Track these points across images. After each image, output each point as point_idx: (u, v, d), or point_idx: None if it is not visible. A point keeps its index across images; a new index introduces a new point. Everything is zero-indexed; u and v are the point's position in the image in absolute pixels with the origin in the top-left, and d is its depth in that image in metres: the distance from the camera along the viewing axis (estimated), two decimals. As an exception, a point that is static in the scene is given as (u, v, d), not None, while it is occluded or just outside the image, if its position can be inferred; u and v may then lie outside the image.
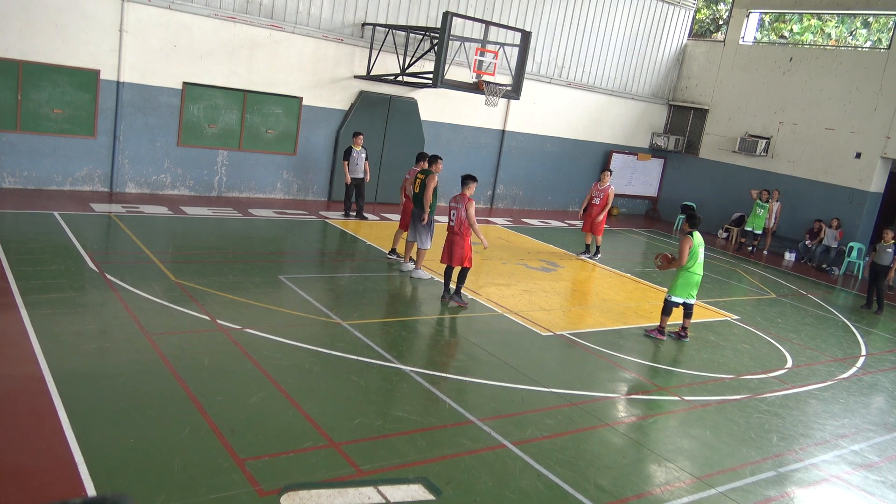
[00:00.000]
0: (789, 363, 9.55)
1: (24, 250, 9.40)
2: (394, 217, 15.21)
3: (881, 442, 7.47)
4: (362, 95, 16.03)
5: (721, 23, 22.20)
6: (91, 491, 4.61)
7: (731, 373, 8.81)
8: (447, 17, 13.33)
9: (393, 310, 9.69)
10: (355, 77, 15.86)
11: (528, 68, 17.18)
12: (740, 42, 20.46)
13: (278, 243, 12.39)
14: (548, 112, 19.44)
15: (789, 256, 18.10)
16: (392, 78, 15.37)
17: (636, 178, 21.70)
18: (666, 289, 10.20)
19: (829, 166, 18.40)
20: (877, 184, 17.75)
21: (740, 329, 10.89)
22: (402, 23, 16.00)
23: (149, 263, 9.62)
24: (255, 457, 5.27)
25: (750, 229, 18.23)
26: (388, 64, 15.77)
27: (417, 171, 11.14)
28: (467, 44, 15.10)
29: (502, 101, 17.28)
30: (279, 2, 14.61)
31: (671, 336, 9.77)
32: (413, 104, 16.85)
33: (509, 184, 19.49)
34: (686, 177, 21.68)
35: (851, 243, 17.40)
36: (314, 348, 7.51)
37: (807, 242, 17.96)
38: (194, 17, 13.74)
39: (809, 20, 21.46)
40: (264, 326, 7.88)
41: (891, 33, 18.13)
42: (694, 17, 21.70)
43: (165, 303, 8.18)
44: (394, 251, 11.82)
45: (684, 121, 21.76)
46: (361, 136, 14.51)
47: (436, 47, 14.10)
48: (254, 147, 15.19)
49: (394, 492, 5.09)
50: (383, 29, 15.57)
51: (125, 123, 13.63)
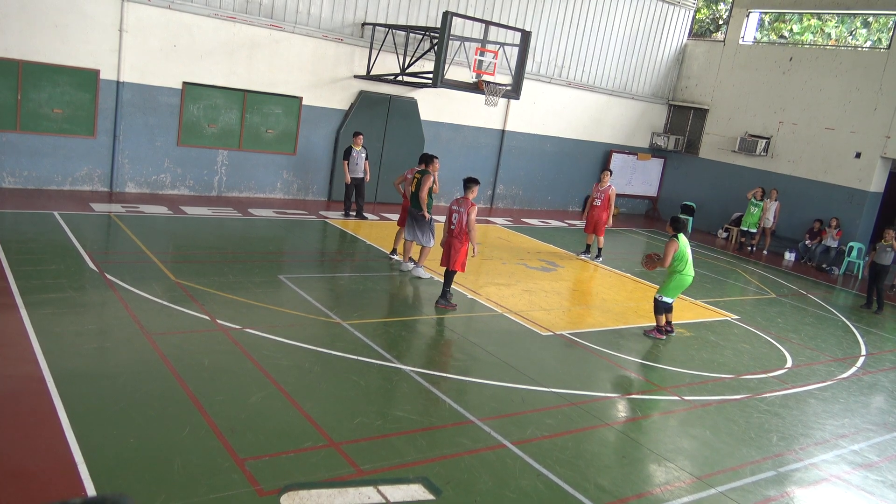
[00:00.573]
0: (789, 363, 9.55)
1: (24, 250, 9.41)
2: (394, 217, 15.21)
3: (881, 442, 7.47)
4: (362, 95, 16.03)
5: (721, 22, 22.19)
6: (91, 491, 4.61)
7: (730, 372, 8.81)
8: (447, 16, 13.33)
9: (393, 310, 9.69)
10: (355, 77, 15.86)
11: (528, 68, 17.19)
12: (740, 42, 20.46)
13: (278, 243, 12.39)
14: (548, 112, 19.44)
15: (789, 256, 18.11)
16: (392, 78, 15.37)
17: (636, 178, 21.71)
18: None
19: (828, 166, 18.40)
20: (877, 183, 17.75)
21: (740, 329, 10.89)
22: (402, 22, 16.00)
23: (149, 263, 9.62)
24: (255, 457, 5.28)
25: (746, 228, 18.32)
26: (387, 64, 15.77)
27: (416, 170, 11.14)
28: (467, 44, 15.10)
29: (502, 101, 17.28)
30: (279, 2, 14.61)
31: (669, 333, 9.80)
32: (413, 104, 16.85)
33: (509, 184, 19.49)
34: (686, 177, 21.68)
35: (851, 243, 17.40)
36: (314, 348, 7.51)
37: (807, 242, 17.96)
38: (194, 16, 13.75)
39: (809, 20, 21.46)
40: (264, 326, 7.88)
41: (891, 33, 18.12)
42: (694, 17, 21.70)
43: (165, 303, 8.18)
44: (395, 251, 11.82)
45: (684, 121, 21.75)
46: (361, 136, 14.52)
47: (436, 47, 14.10)
48: (254, 147, 15.19)
49: (394, 492, 5.10)
50: (383, 29, 15.56)
51: (125, 123, 13.63)
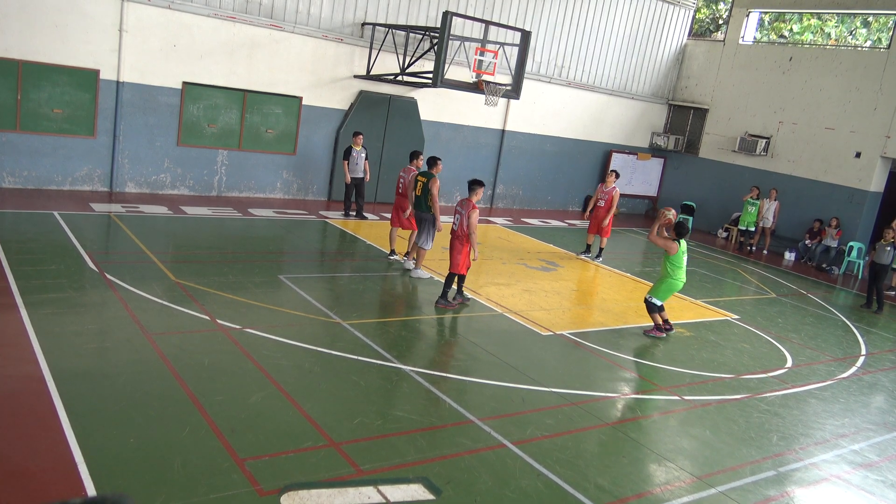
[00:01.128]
0: (789, 363, 9.55)
1: (24, 250, 9.41)
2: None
3: (881, 441, 7.47)
4: (362, 95, 16.03)
5: (721, 22, 22.18)
6: (91, 491, 4.61)
7: (730, 372, 8.81)
8: (447, 16, 13.33)
9: (393, 309, 9.69)
10: (355, 77, 15.86)
11: (527, 68, 17.19)
12: (740, 42, 20.46)
13: (278, 243, 12.39)
14: (548, 112, 19.44)
15: (789, 256, 18.11)
16: (392, 78, 15.37)
17: (636, 178, 21.70)
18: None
19: (828, 166, 18.40)
20: (876, 183, 17.75)
21: (740, 328, 10.89)
22: (401, 22, 16.00)
23: (149, 263, 9.62)
24: (255, 456, 5.28)
25: (744, 227, 18.34)
26: (387, 63, 15.77)
27: (414, 170, 11.12)
28: (467, 43, 15.11)
29: (502, 101, 17.27)
30: (279, 1, 14.60)
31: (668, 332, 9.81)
32: (413, 104, 16.85)
33: (509, 183, 19.49)
34: (686, 176, 21.69)
35: (851, 243, 17.40)
36: (314, 348, 7.51)
37: (806, 242, 17.96)
38: (194, 16, 13.74)
39: (809, 20, 21.46)
40: (264, 326, 7.88)
41: (890, 33, 18.12)
42: (694, 17, 21.70)
43: (165, 303, 8.18)
44: (393, 252, 11.81)
45: (684, 120, 21.75)
46: (361, 136, 14.51)
47: (436, 47, 14.10)
48: (254, 147, 15.19)
49: (394, 491, 5.10)
50: (383, 28, 15.56)
51: (125, 123, 13.63)
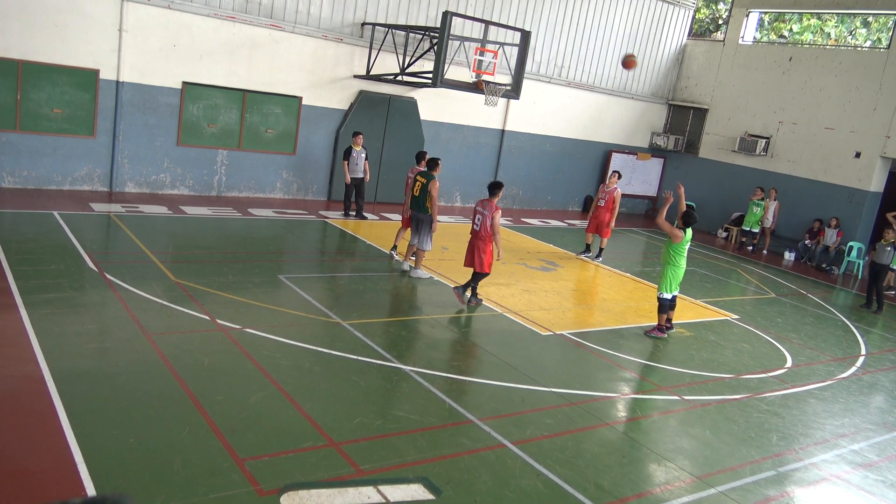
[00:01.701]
0: (789, 363, 9.55)
1: (24, 250, 9.40)
2: (394, 217, 15.23)
3: (881, 441, 7.48)
4: (362, 95, 16.03)
5: (721, 22, 22.18)
6: (91, 491, 4.61)
7: (730, 372, 8.81)
8: (447, 16, 13.33)
9: (393, 309, 9.69)
10: (355, 77, 15.85)
11: (527, 68, 17.17)
12: (740, 42, 20.46)
13: (278, 243, 12.39)
14: (547, 112, 19.44)
15: (789, 256, 18.11)
16: (392, 77, 15.36)
17: (636, 178, 21.69)
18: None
19: (828, 166, 18.40)
20: (876, 183, 17.75)
21: (740, 328, 10.89)
22: (401, 22, 16.00)
23: (149, 263, 9.62)
24: (254, 456, 5.28)
25: (748, 228, 18.36)
26: (387, 63, 15.77)
27: (419, 172, 11.13)
28: (467, 43, 15.10)
29: (502, 101, 17.27)
30: (279, 1, 14.60)
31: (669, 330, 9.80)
32: (413, 104, 16.85)
33: (509, 183, 19.44)
34: (686, 176, 21.63)
35: (851, 243, 17.40)
36: (314, 348, 7.51)
37: (806, 242, 17.96)
38: (194, 16, 13.74)
39: (809, 20, 21.46)
40: (264, 326, 7.88)
41: (890, 33, 18.12)
42: (693, 17, 21.70)
43: (165, 303, 8.18)
44: (395, 247, 11.82)
45: (684, 120, 21.75)
46: (361, 136, 14.51)
47: (435, 47, 14.10)
48: (253, 147, 15.19)
49: (394, 491, 5.10)
50: (383, 28, 15.56)
51: (125, 123, 13.63)
